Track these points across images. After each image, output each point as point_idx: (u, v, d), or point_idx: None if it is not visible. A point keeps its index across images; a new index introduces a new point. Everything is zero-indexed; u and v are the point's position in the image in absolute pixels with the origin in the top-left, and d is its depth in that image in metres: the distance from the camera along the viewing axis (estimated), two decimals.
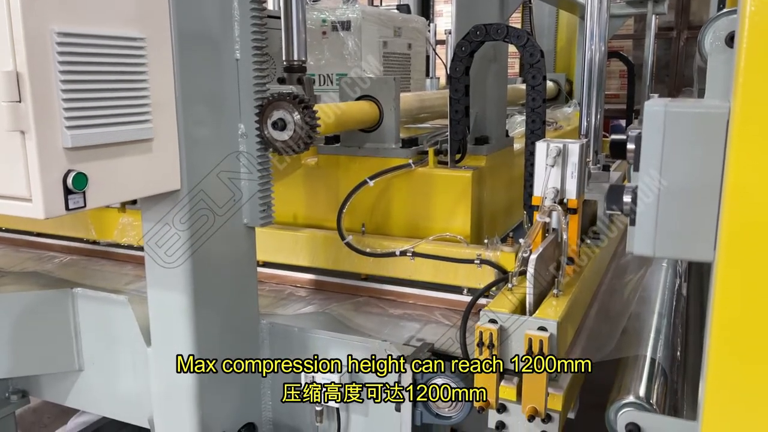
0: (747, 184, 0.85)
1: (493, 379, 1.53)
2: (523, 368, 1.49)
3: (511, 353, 1.52)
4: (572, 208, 1.78)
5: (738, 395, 0.92)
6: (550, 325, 1.49)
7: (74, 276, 2.48)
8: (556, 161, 1.71)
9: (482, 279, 2.09)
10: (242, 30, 1.69)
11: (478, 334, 1.53)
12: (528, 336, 1.47)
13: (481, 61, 2.56)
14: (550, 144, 1.72)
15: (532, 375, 1.48)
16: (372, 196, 2.42)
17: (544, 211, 1.70)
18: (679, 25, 8.55)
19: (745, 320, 0.89)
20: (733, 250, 0.88)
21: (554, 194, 1.71)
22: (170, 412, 1.79)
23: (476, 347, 1.52)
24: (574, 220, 1.79)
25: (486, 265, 2.10)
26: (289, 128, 1.74)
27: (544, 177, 1.72)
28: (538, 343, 1.46)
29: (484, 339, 1.51)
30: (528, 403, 1.51)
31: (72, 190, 1.30)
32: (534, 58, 2.20)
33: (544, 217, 1.70)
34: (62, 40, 1.26)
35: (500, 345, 1.51)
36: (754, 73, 0.82)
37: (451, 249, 2.18)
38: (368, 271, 2.32)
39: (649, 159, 0.97)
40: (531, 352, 1.46)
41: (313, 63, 3.57)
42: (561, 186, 1.74)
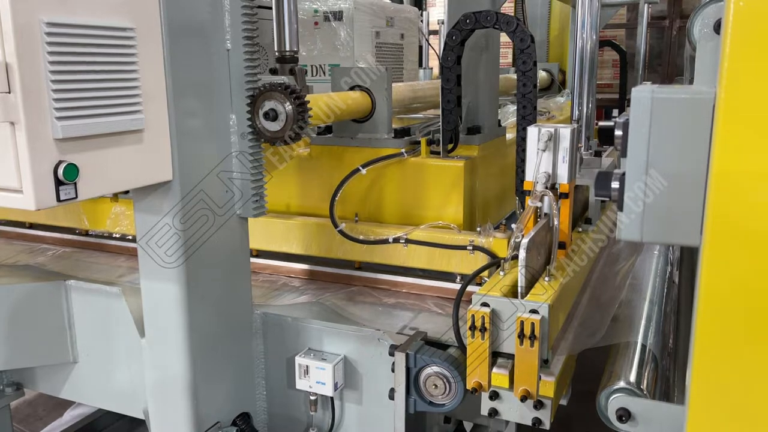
0: (732, 169, 0.86)
1: (485, 361, 1.54)
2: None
3: (504, 336, 1.52)
4: (564, 192, 1.78)
5: (723, 378, 0.93)
6: (541, 308, 1.50)
7: (67, 269, 2.47)
8: (548, 146, 1.71)
9: (475, 265, 2.10)
10: (233, 20, 1.68)
11: (470, 317, 1.53)
12: (520, 319, 1.48)
13: (473, 50, 2.56)
14: (542, 129, 1.73)
15: (524, 357, 1.49)
16: (364, 187, 2.42)
17: (535, 196, 1.71)
18: (672, 14, 8.55)
19: (731, 304, 0.91)
20: (719, 235, 0.89)
21: (546, 179, 1.72)
22: (165, 402, 1.80)
23: (468, 330, 1.53)
24: (566, 204, 1.79)
25: (479, 251, 2.11)
26: (280, 119, 1.74)
27: (536, 162, 1.72)
28: (530, 326, 1.47)
29: (477, 322, 1.51)
30: (520, 385, 1.52)
31: (63, 181, 1.30)
32: (524, 43, 2.20)
33: (535, 202, 1.70)
34: (51, 31, 1.26)
35: (492, 328, 1.52)
36: (738, 59, 0.82)
37: (444, 235, 2.19)
38: (361, 259, 2.32)
39: (637, 145, 0.98)
40: (523, 335, 1.47)
41: (305, 53, 3.56)
42: (552, 171, 1.75)
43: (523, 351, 1.49)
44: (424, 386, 1.73)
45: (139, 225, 1.67)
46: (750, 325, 0.91)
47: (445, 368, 1.69)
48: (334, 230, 2.27)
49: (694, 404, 0.95)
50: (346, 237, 2.25)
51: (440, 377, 1.70)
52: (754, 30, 0.82)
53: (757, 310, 0.90)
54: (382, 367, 1.82)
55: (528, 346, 1.48)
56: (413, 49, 4.22)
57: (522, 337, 1.48)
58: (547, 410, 1.61)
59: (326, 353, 1.90)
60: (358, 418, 1.93)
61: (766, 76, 0.83)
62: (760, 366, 0.92)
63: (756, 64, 0.83)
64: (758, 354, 0.92)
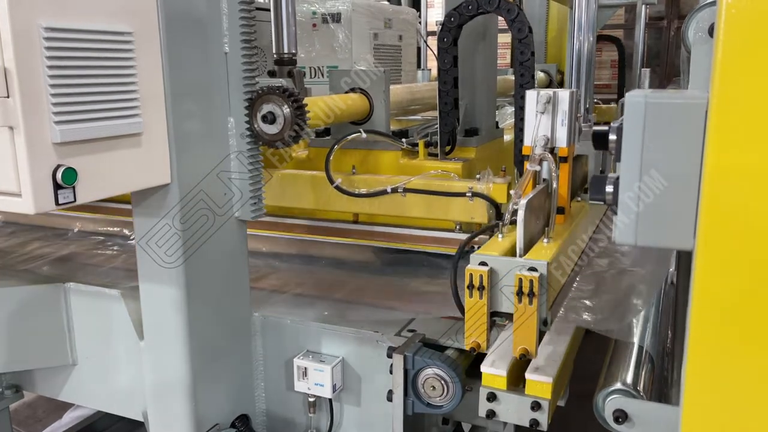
0: (725, 173, 0.87)
1: (484, 321, 1.52)
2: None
3: (502, 295, 1.50)
4: (563, 156, 1.75)
5: (717, 380, 0.94)
6: (540, 265, 1.47)
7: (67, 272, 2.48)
8: (546, 108, 1.68)
9: (474, 213, 2.09)
10: (231, 23, 1.69)
11: (468, 276, 1.50)
12: (518, 276, 1.46)
13: (470, 37, 2.54)
14: (540, 91, 1.71)
15: (523, 316, 1.46)
16: None
17: (534, 160, 1.68)
18: (670, 15, 8.56)
19: (723, 307, 0.91)
20: (712, 238, 0.90)
21: (545, 142, 1.69)
22: (164, 405, 1.81)
23: (467, 289, 1.50)
24: (565, 169, 1.77)
25: (478, 197, 2.09)
26: (278, 121, 1.75)
27: (534, 125, 1.69)
28: (529, 283, 1.44)
29: (474, 281, 1.49)
30: (519, 344, 1.50)
31: (61, 185, 1.31)
32: (522, 33, 2.21)
33: (534, 166, 1.67)
34: (50, 35, 1.26)
35: (491, 287, 1.50)
36: (730, 64, 0.83)
37: (443, 183, 2.17)
38: (359, 210, 2.30)
39: (631, 149, 0.99)
40: (521, 293, 1.45)
41: (303, 55, 3.57)
42: (551, 135, 1.72)
43: (522, 309, 1.47)
44: (422, 388, 1.74)
45: (137, 227, 1.67)
46: (743, 327, 0.91)
47: (443, 370, 1.70)
48: (330, 185, 2.24)
49: (688, 405, 0.96)
50: (343, 192, 2.23)
51: (438, 379, 1.71)
52: (747, 35, 0.83)
53: (750, 311, 0.91)
54: (380, 368, 1.83)
55: (527, 304, 1.45)
56: (411, 50, 4.23)
57: (521, 295, 1.45)
58: (544, 412, 1.61)
59: (325, 355, 1.90)
60: (357, 419, 1.94)
61: (758, 81, 0.84)
62: (753, 367, 0.92)
63: (748, 70, 0.83)
64: (752, 355, 0.92)
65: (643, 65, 6.01)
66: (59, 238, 2.92)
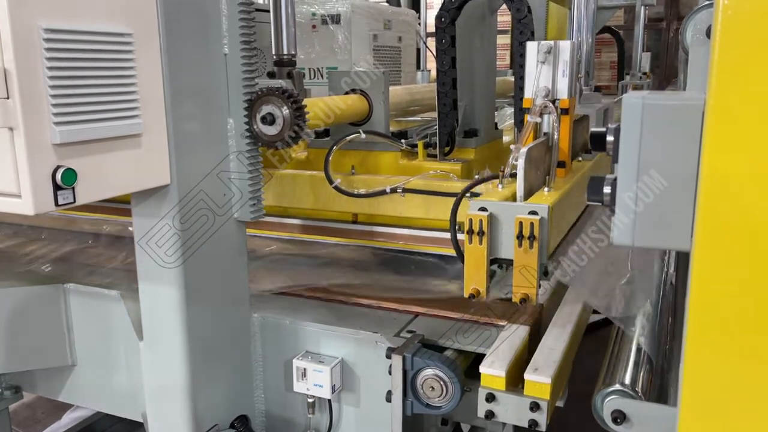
0: (721, 174, 0.87)
1: (483, 268, 1.49)
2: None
3: (502, 241, 1.47)
4: (564, 108, 1.72)
5: (714, 381, 0.94)
6: (541, 209, 1.44)
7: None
8: (547, 58, 1.66)
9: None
10: (230, 24, 1.69)
11: (467, 221, 1.47)
12: (518, 219, 1.43)
13: (469, 38, 2.53)
14: (541, 42, 1.69)
15: (523, 260, 1.44)
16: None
17: (534, 112, 1.65)
18: (669, 16, 8.58)
19: (720, 308, 0.92)
20: (709, 239, 0.90)
21: (545, 93, 1.66)
22: (163, 405, 1.81)
23: (466, 235, 1.47)
24: (566, 121, 1.73)
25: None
26: (277, 123, 1.75)
27: (535, 75, 1.66)
28: (529, 226, 1.41)
29: (474, 226, 1.46)
30: (519, 289, 1.48)
31: (61, 185, 1.31)
32: (521, 13, 2.21)
33: (535, 118, 1.64)
34: (49, 37, 1.26)
35: (491, 233, 1.47)
36: (727, 65, 0.84)
37: (442, 183, 2.17)
38: (358, 210, 2.30)
39: (628, 150, 0.99)
40: (521, 236, 1.42)
41: (303, 57, 3.57)
42: (552, 87, 1.69)
43: (522, 253, 1.44)
44: (421, 388, 1.74)
45: (137, 227, 1.68)
46: (741, 328, 0.92)
47: (441, 370, 1.70)
48: (329, 185, 2.24)
49: (685, 406, 0.96)
50: (342, 192, 2.22)
51: (437, 379, 1.71)
52: (743, 37, 0.83)
53: (747, 313, 0.91)
54: (379, 369, 1.83)
55: (527, 248, 1.43)
56: (411, 51, 4.24)
57: (521, 239, 1.43)
58: (543, 412, 1.61)
59: (324, 356, 1.91)
60: (356, 420, 1.94)
61: (754, 82, 0.84)
62: (750, 368, 0.93)
63: (745, 71, 0.84)
64: (749, 356, 0.93)
65: (641, 67, 6.03)
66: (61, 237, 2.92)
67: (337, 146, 2.28)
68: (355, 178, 2.28)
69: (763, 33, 0.83)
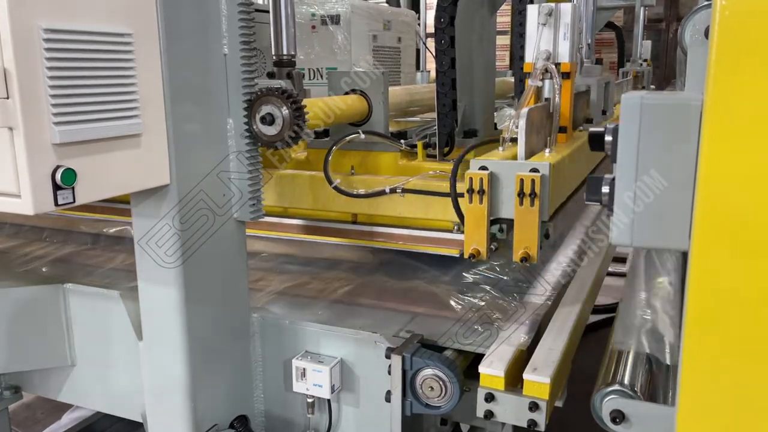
0: (719, 174, 0.88)
1: (483, 227, 1.47)
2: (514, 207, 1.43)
3: (502, 200, 1.45)
4: (565, 72, 1.70)
5: (712, 381, 0.94)
6: (542, 166, 1.42)
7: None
8: (548, 21, 1.63)
9: None
10: (230, 25, 1.69)
11: (467, 180, 1.46)
12: (519, 176, 1.41)
13: (468, 39, 2.53)
14: (542, 4, 1.67)
15: (524, 219, 1.42)
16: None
17: (536, 75, 1.63)
18: (668, 17, 8.58)
19: (718, 308, 0.92)
20: (707, 239, 0.90)
21: (546, 56, 1.64)
22: (162, 406, 1.81)
23: (466, 194, 1.46)
24: (567, 86, 1.71)
25: None
26: (277, 123, 1.75)
27: (536, 38, 1.64)
28: (530, 183, 1.40)
29: (475, 185, 1.45)
30: (520, 246, 1.46)
31: (61, 185, 1.31)
32: (522, 5, 2.18)
33: (536, 81, 1.62)
34: (49, 37, 1.27)
35: (491, 192, 1.45)
36: (725, 65, 0.84)
37: (441, 184, 2.15)
38: (357, 211, 2.31)
39: (626, 150, 1.00)
40: (522, 194, 1.41)
41: (302, 57, 3.58)
42: (553, 51, 1.67)
43: (523, 212, 1.43)
44: (420, 388, 1.74)
45: (137, 227, 1.68)
46: (739, 327, 0.92)
47: (441, 370, 1.71)
48: (328, 186, 2.24)
49: (683, 406, 0.96)
50: (342, 193, 2.22)
51: (436, 379, 1.71)
52: (741, 37, 0.83)
53: (745, 312, 0.91)
54: (378, 369, 1.83)
55: (528, 206, 1.41)
56: (410, 52, 4.25)
57: (522, 196, 1.41)
58: (542, 412, 1.62)
59: (323, 356, 1.91)
60: (355, 420, 1.94)
61: (752, 82, 0.84)
62: (748, 368, 0.93)
63: (742, 71, 0.84)
64: (747, 355, 0.93)
65: (641, 54, 6.02)
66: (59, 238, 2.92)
67: (336, 146, 2.29)
68: (354, 178, 2.28)
69: (761, 33, 0.83)
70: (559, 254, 2.63)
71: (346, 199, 2.25)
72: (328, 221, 2.40)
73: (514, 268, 2.30)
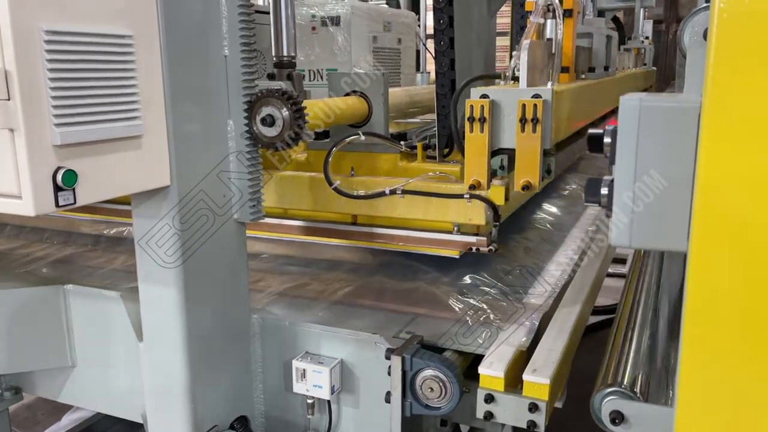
0: (717, 175, 0.88)
1: (484, 157, 1.44)
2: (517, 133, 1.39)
3: (504, 129, 1.41)
4: (567, 9, 1.67)
5: (710, 381, 0.95)
6: (545, 92, 1.38)
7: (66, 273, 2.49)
8: None
9: (472, 215, 2.10)
10: (230, 26, 1.70)
11: (468, 109, 1.42)
12: (521, 102, 1.38)
13: (468, 40, 2.53)
14: None
15: (526, 146, 1.39)
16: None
17: (537, 12, 1.59)
18: (668, 18, 8.59)
19: (717, 309, 0.92)
20: (705, 241, 0.91)
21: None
22: (162, 406, 1.81)
23: (467, 123, 1.42)
24: (570, 24, 1.67)
25: (476, 199, 2.07)
26: (277, 124, 1.76)
27: None
28: (532, 108, 1.36)
29: (475, 113, 1.41)
30: (521, 176, 1.43)
31: (62, 186, 1.32)
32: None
33: (537, 18, 1.59)
34: (50, 38, 1.27)
35: (492, 121, 1.42)
36: (723, 68, 0.84)
37: (441, 185, 2.17)
38: (357, 212, 2.31)
39: (625, 152, 1.00)
40: (524, 119, 1.38)
41: (303, 58, 3.58)
42: None
43: (525, 139, 1.39)
44: (420, 389, 1.74)
45: (137, 228, 1.68)
46: (737, 329, 0.92)
47: (441, 371, 1.71)
48: (328, 187, 2.24)
49: (682, 407, 0.97)
50: (342, 194, 2.22)
51: (436, 380, 1.72)
52: (739, 39, 0.84)
53: (743, 314, 0.91)
54: (378, 370, 1.84)
55: (530, 132, 1.38)
56: (410, 53, 4.25)
57: (524, 122, 1.38)
58: (542, 413, 1.62)
59: (323, 357, 1.91)
60: (355, 421, 1.94)
61: (750, 84, 0.85)
62: (747, 368, 0.93)
63: (740, 73, 0.84)
64: (745, 356, 0.93)
65: (643, 32, 6.00)
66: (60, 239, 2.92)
67: (336, 148, 2.29)
68: (354, 179, 2.29)
69: (759, 35, 0.83)
70: (559, 254, 2.63)
71: (346, 201, 2.25)
72: (328, 222, 2.40)
73: (514, 269, 2.31)
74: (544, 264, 2.50)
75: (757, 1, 0.83)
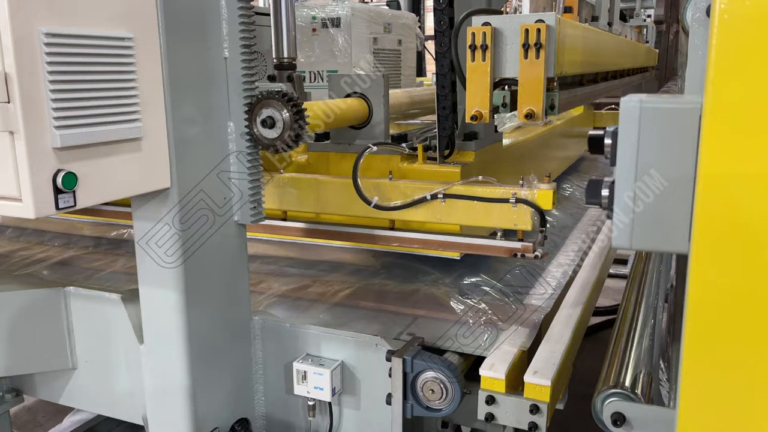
0: (718, 177, 0.88)
1: (486, 87, 1.40)
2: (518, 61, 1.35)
3: (507, 58, 1.37)
4: None
5: (712, 383, 0.94)
6: (548, 17, 1.33)
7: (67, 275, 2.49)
8: None
9: (517, 220, 2.00)
10: (230, 28, 1.70)
11: (470, 36, 1.38)
12: (524, 27, 1.34)
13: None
14: None
15: (529, 73, 1.35)
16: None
17: None
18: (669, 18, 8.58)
19: (718, 310, 0.92)
20: (706, 242, 0.90)
21: None
22: (163, 409, 1.81)
23: (468, 52, 1.38)
24: None
25: (522, 204, 1.98)
26: (278, 126, 1.76)
27: None
28: (536, 33, 1.32)
29: (477, 40, 1.37)
30: (524, 104, 1.39)
31: (62, 189, 1.32)
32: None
33: None
34: (50, 41, 1.27)
35: (495, 50, 1.38)
36: (724, 67, 0.84)
37: (485, 189, 2.07)
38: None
39: (626, 153, 1.00)
40: (527, 45, 1.34)
41: (303, 60, 3.58)
42: None
43: (528, 66, 1.35)
44: (421, 391, 1.74)
45: (137, 230, 1.68)
46: (738, 329, 0.92)
47: (441, 373, 1.71)
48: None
49: (683, 408, 0.96)
50: (381, 209, 2.15)
51: (437, 382, 1.72)
52: (740, 40, 0.84)
53: (744, 314, 0.91)
54: (379, 372, 1.83)
55: (533, 58, 1.34)
56: (411, 54, 4.25)
57: (527, 48, 1.34)
58: (543, 415, 1.62)
59: (324, 359, 1.91)
60: (356, 423, 1.94)
61: (751, 85, 0.84)
62: (748, 369, 0.93)
63: (742, 74, 0.84)
64: (747, 357, 0.93)
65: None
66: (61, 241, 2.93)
67: (360, 161, 2.21)
68: (387, 183, 2.20)
69: (760, 36, 0.83)
70: (560, 255, 2.63)
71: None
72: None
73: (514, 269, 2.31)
74: (545, 265, 2.50)
75: (758, 1, 0.83)
